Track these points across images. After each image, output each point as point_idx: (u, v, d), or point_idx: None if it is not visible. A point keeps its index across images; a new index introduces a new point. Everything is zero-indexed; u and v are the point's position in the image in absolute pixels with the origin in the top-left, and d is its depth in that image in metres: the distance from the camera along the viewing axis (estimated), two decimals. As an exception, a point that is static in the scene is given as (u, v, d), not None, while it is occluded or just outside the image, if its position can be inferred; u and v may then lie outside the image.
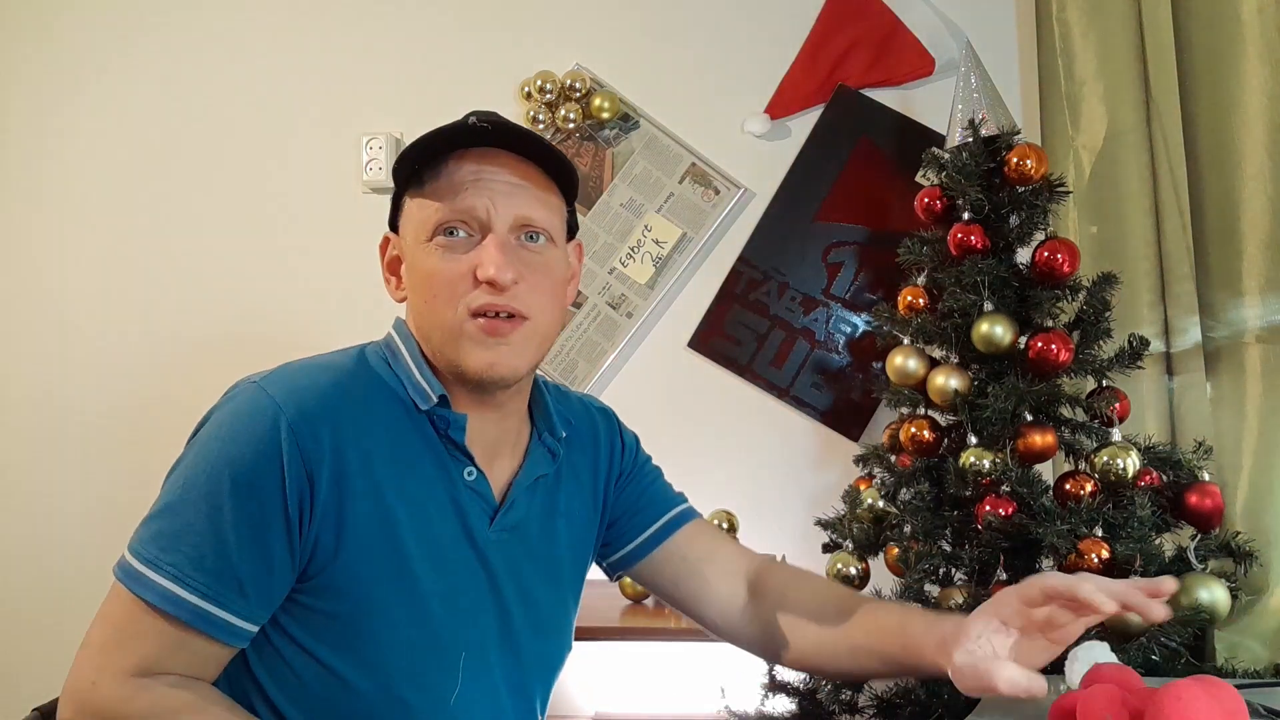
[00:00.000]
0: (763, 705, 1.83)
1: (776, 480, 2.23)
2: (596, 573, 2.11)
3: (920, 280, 1.87)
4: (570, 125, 2.27)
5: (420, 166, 0.92)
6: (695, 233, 2.29)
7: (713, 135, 2.30)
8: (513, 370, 0.91)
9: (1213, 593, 1.44)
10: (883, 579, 1.71)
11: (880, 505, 1.75)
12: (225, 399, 0.90)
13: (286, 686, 0.88)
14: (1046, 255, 1.68)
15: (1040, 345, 1.63)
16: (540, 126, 2.29)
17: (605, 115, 2.27)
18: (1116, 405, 1.62)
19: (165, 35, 2.45)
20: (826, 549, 1.87)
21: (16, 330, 2.45)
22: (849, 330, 2.25)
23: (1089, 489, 1.54)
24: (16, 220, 2.46)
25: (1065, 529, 1.49)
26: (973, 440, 1.63)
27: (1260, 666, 1.54)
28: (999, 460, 1.59)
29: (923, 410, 1.76)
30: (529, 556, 0.99)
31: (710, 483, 2.23)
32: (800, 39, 2.28)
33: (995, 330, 1.65)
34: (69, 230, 2.45)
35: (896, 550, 1.66)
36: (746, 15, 2.31)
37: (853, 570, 1.73)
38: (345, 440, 0.86)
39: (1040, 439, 1.61)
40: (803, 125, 2.29)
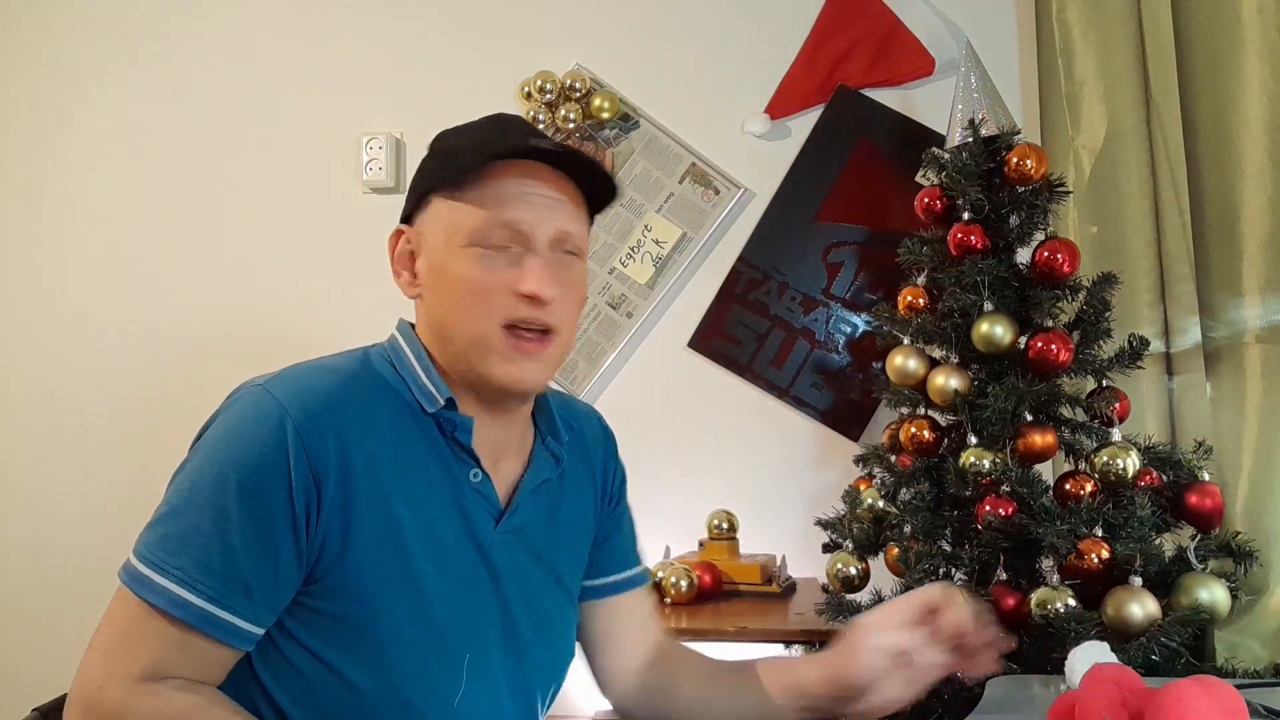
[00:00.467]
0: (763, 705, 1.83)
1: (776, 480, 2.23)
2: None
3: (920, 280, 1.87)
4: (570, 125, 2.27)
5: (462, 171, 0.92)
6: (695, 233, 2.29)
7: (713, 135, 2.30)
8: (536, 384, 0.94)
9: (1213, 593, 1.44)
10: (883, 579, 1.71)
11: (880, 505, 1.74)
12: (229, 402, 0.90)
13: (291, 689, 0.88)
14: (1046, 255, 1.68)
15: (1040, 345, 1.63)
16: (540, 126, 2.29)
17: (605, 115, 2.27)
18: (1116, 405, 1.61)
19: (165, 36, 2.45)
20: (826, 549, 1.87)
21: (16, 330, 2.46)
22: (849, 330, 2.25)
23: (1089, 489, 1.54)
24: (15, 220, 2.47)
25: (1065, 529, 1.49)
26: (973, 440, 1.63)
27: (1260, 666, 1.55)
28: (999, 460, 1.59)
29: (923, 410, 1.76)
30: (532, 559, 1.00)
31: (710, 483, 2.23)
32: (800, 39, 2.28)
33: (995, 330, 1.65)
34: (68, 230, 2.45)
35: (896, 550, 1.66)
36: (746, 15, 2.31)
37: (853, 570, 1.73)
38: (350, 442, 0.86)
39: (1040, 439, 1.61)
40: (803, 125, 2.29)
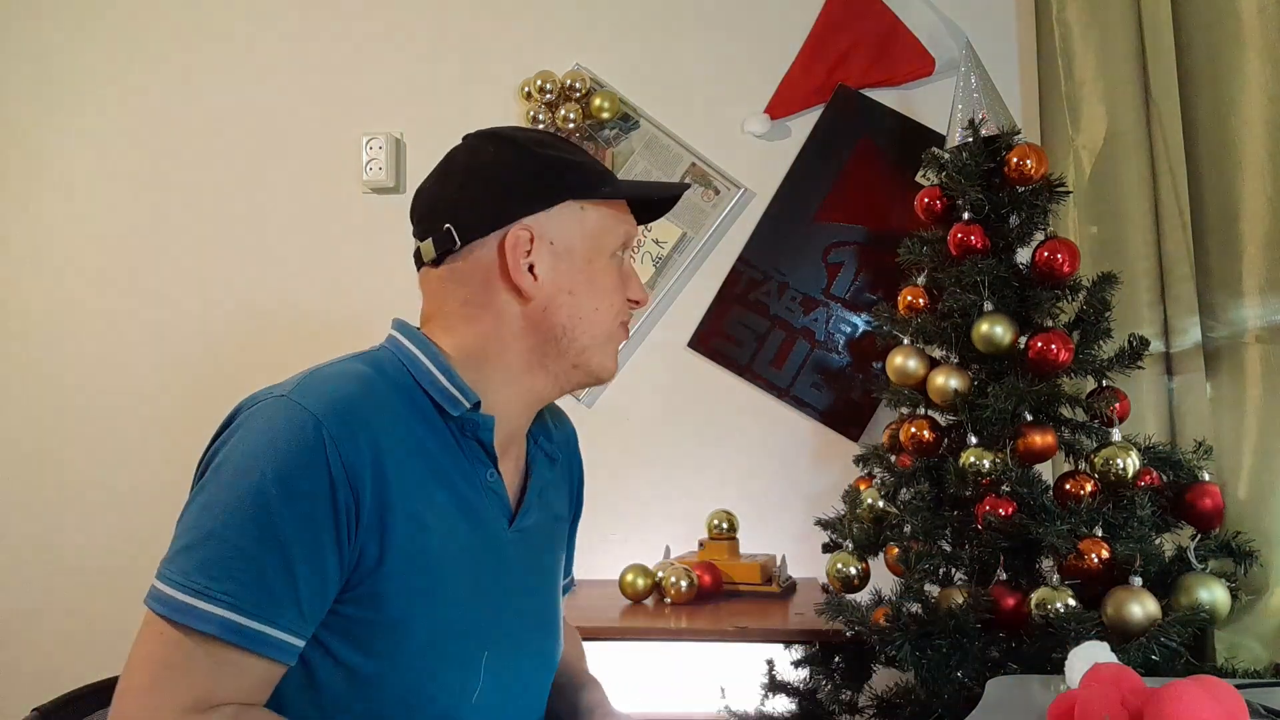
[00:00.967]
0: (763, 705, 1.83)
1: (776, 480, 2.23)
2: (598, 573, 2.12)
3: (920, 280, 1.87)
4: (570, 125, 2.27)
5: (603, 181, 0.99)
6: (695, 233, 2.29)
7: (713, 135, 2.30)
8: None
9: (1213, 593, 1.44)
10: (883, 579, 1.71)
11: (880, 505, 1.74)
12: (246, 417, 0.86)
13: (312, 694, 0.87)
14: (1046, 255, 1.68)
15: (1040, 345, 1.62)
16: (540, 126, 2.29)
17: (605, 115, 2.27)
18: (1116, 405, 1.61)
19: (165, 36, 2.45)
20: (826, 549, 1.87)
21: (13, 332, 2.45)
22: (849, 330, 2.25)
23: (1089, 489, 1.54)
24: (15, 220, 2.47)
25: (1065, 529, 1.49)
26: (973, 440, 1.63)
27: (1260, 666, 1.54)
28: (999, 460, 1.59)
29: (923, 410, 1.76)
30: (536, 557, 1.03)
31: (710, 483, 2.23)
32: (800, 39, 2.28)
33: (995, 330, 1.65)
34: (68, 230, 2.45)
35: (896, 550, 1.66)
36: (746, 15, 2.31)
37: (853, 570, 1.73)
38: (381, 448, 0.85)
39: (1040, 439, 1.61)
40: (803, 125, 2.29)
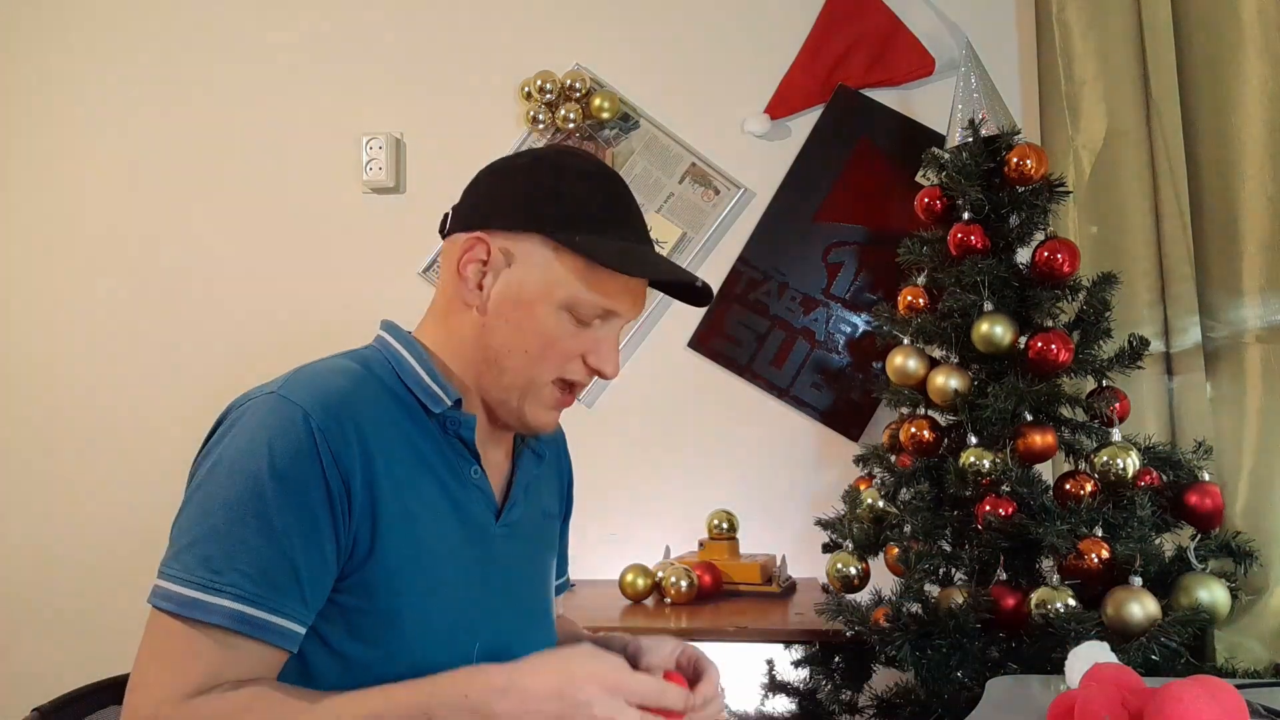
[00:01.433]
0: (763, 705, 1.83)
1: (776, 480, 2.23)
2: (598, 573, 2.12)
3: (920, 280, 1.87)
4: (570, 125, 2.27)
5: (593, 257, 0.92)
6: (695, 233, 2.29)
7: (713, 135, 2.30)
8: (554, 430, 1.02)
9: (1213, 593, 1.44)
10: (883, 579, 1.71)
11: (880, 505, 1.74)
12: (238, 414, 0.89)
13: (307, 681, 0.88)
14: (1046, 255, 1.68)
15: (1040, 345, 1.63)
16: (540, 126, 2.30)
17: (605, 115, 2.27)
18: (1116, 405, 1.62)
19: (166, 37, 2.45)
20: (826, 549, 1.87)
21: (18, 331, 2.45)
22: (849, 330, 2.25)
23: (1089, 489, 1.54)
24: (15, 219, 2.47)
25: (1065, 529, 1.49)
26: (973, 440, 1.63)
27: (1260, 666, 1.55)
28: (999, 460, 1.59)
29: (923, 410, 1.76)
30: (525, 551, 1.04)
31: (710, 483, 2.23)
32: (800, 39, 2.28)
33: (995, 330, 1.65)
34: (68, 229, 2.45)
35: (896, 550, 1.66)
36: (746, 15, 2.31)
37: (853, 570, 1.73)
38: (369, 442, 0.88)
39: (1040, 439, 1.61)
40: (803, 125, 2.29)
